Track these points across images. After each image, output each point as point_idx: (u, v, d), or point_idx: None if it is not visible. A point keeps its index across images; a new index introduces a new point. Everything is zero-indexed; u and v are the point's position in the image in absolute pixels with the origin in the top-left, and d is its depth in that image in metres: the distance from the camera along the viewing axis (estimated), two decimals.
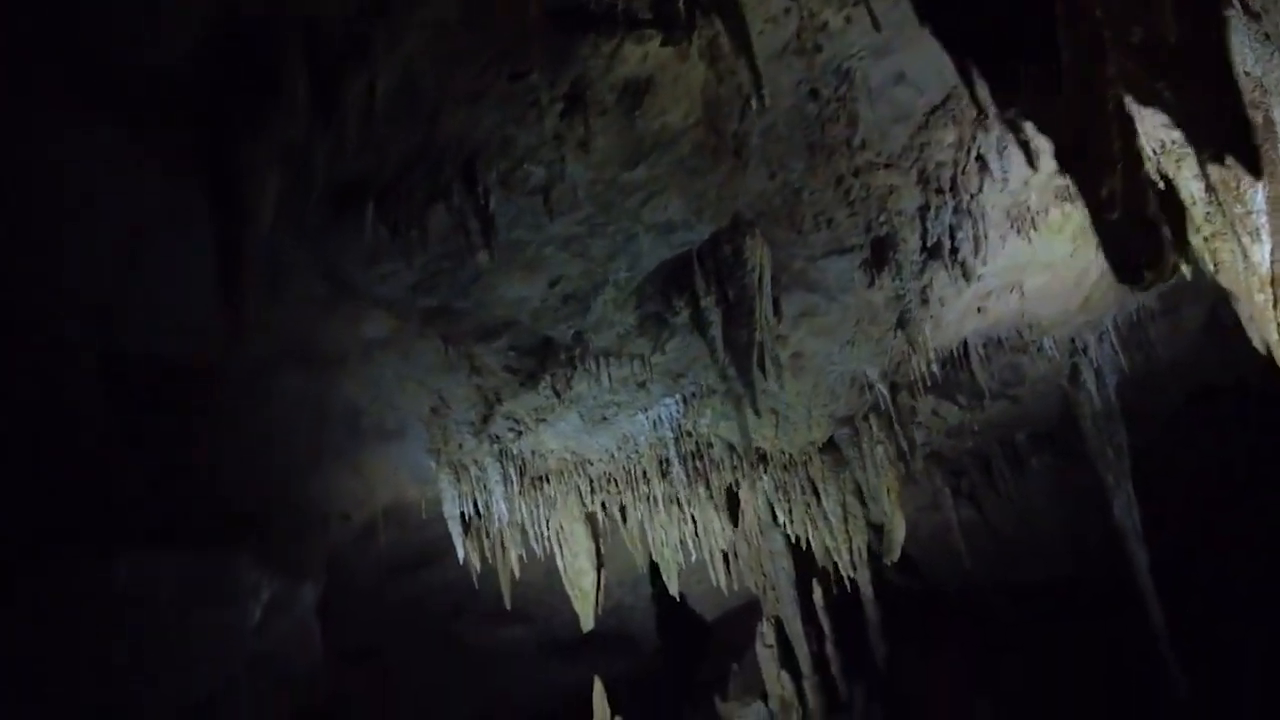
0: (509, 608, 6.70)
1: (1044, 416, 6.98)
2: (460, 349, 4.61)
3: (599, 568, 6.55)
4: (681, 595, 10.20)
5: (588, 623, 6.54)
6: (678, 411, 4.94)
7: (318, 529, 5.90)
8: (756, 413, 3.75)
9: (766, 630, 6.91)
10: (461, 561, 5.75)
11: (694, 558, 6.86)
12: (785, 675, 6.70)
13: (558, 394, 4.75)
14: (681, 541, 6.61)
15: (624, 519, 6.66)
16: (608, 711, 6.58)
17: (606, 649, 10.22)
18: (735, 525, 6.77)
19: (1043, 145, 3.71)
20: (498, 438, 5.25)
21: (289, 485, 5.69)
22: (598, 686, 6.63)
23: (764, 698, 6.87)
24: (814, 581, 7.17)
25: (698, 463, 5.48)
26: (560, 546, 6.36)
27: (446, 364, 4.86)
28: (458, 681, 9.08)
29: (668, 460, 5.46)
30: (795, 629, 6.82)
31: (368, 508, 6.09)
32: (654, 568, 9.74)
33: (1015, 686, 6.89)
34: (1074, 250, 4.78)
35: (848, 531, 5.76)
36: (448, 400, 5.22)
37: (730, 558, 7.14)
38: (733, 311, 3.72)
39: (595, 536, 6.53)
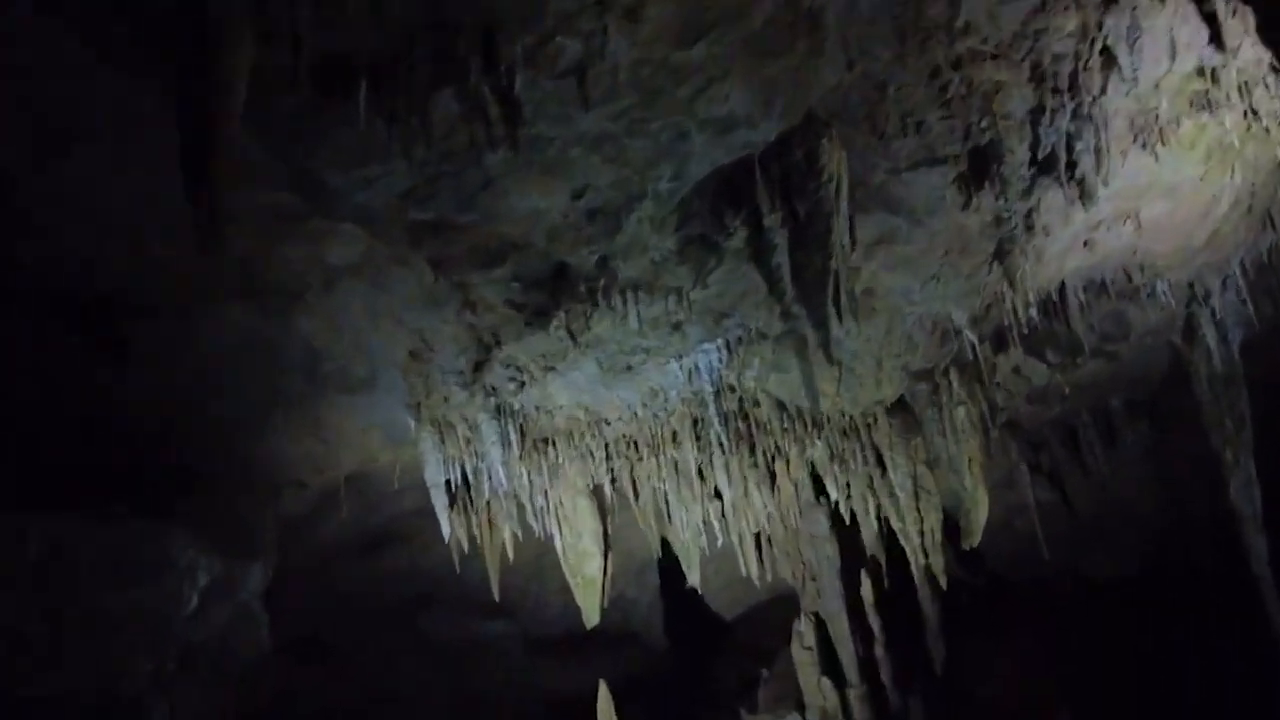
0: (496, 598, 6.72)
1: (1146, 379, 6.98)
2: (452, 277, 4.52)
3: (606, 551, 6.56)
4: (693, 589, 10.50)
5: (592, 617, 6.59)
6: (719, 360, 4.91)
7: (267, 498, 5.91)
8: (831, 360, 3.68)
9: (805, 629, 6.97)
10: (447, 539, 5.76)
11: (720, 542, 6.89)
12: (827, 683, 6.78)
13: (573, 336, 4.69)
14: (705, 522, 6.63)
15: (635, 494, 6.66)
16: (613, 714, 6.64)
17: (606, 649, 10.35)
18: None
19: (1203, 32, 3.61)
20: (494, 390, 5.21)
21: (233, 445, 5.67)
22: (603, 691, 6.70)
23: (801, 709, 6.96)
24: (862, 572, 7.22)
25: (740, 424, 5.45)
26: (561, 525, 6.36)
27: (432, 296, 4.78)
28: (427, 683, 9.19)
29: (702, 421, 5.43)
30: (840, 628, 6.88)
31: (328, 474, 6.08)
32: (664, 554, 9.94)
33: (1098, 696, 7.01)
34: (1205, 173, 4.71)
35: (918, 510, 5.77)
36: (432, 342, 5.16)
37: (763, 542, 7.18)
38: (802, 233, 3.62)
39: (602, 514, 6.53)
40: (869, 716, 6.75)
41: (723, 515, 6.75)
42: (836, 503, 6.85)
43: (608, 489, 6.44)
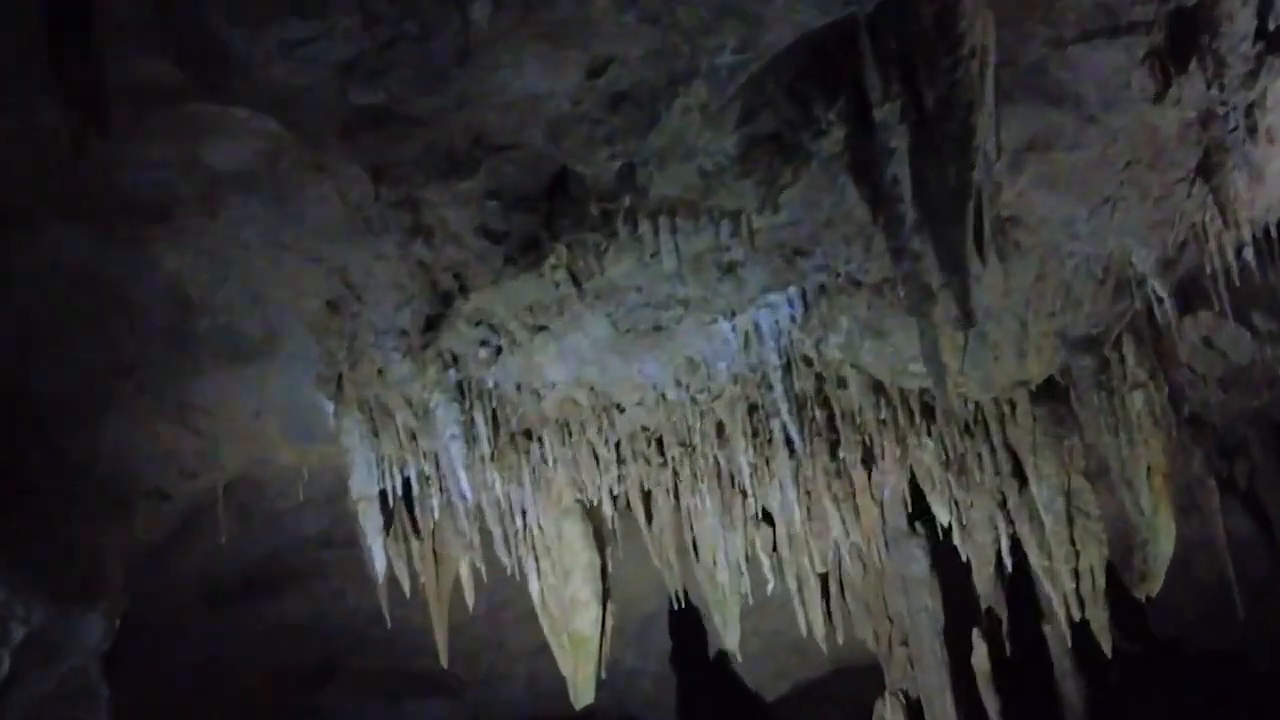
0: (445, 664, 6.84)
1: None
2: (399, 191, 4.55)
3: (605, 598, 6.67)
4: (723, 654, 10.66)
5: (584, 693, 6.73)
6: (791, 319, 4.94)
7: (112, 516, 5.97)
8: (970, 320, 3.70)
9: (890, 714, 7.12)
10: (379, 577, 5.82)
11: (771, 587, 7.01)
12: None
13: (576, 282, 4.72)
14: (749, 556, 6.74)
15: (648, 515, 6.76)
16: None
17: None
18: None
19: None
20: (455, 359, 5.27)
21: (60, 437, 5.70)
22: None
23: None
24: (974, 633, 7.36)
25: (816, 413, 5.54)
26: (538, 559, 6.47)
27: (365, 221, 4.83)
28: None
29: (762, 408, 5.50)
30: (941, 713, 7.00)
31: (201, 480, 6.20)
32: (677, 607, 10.07)
33: None
34: None
35: (1072, 541, 5.85)
36: (361, 289, 5.21)
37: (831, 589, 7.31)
38: (929, 132, 3.64)
39: (600, 544, 6.63)
40: None
41: (774, 548, 6.86)
42: (943, 531, 6.95)
43: (607, 508, 6.51)
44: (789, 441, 5.56)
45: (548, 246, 4.58)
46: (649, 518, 6.78)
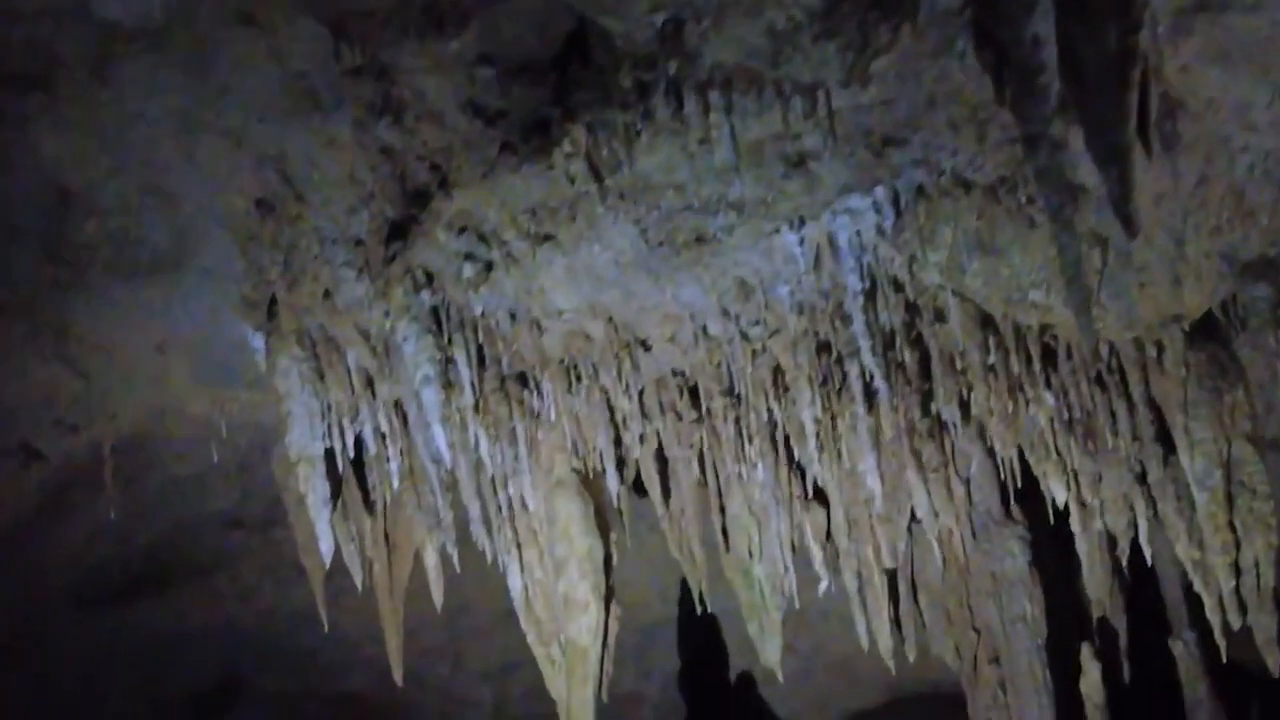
0: (399, 680, 6.92)
1: None
2: (360, 53, 4.56)
3: (608, 597, 6.72)
4: (748, 674, 10.78)
5: (581, 717, 6.76)
6: (877, 230, 4.97)
7: None
8: (1131, 227, 3.71)
9: None
10: (324, 561, 5.87)
11: (825, 586, 7.07)
12: None
13: (597, 176, 4.71)
14: (793, 546, 6.79)
15: (665, 492, 6.81)
16: None
17: None
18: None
19: None
20: (430, 278, 5.30)
21: None
22: None
23: None
24: (1084, 649, 7.44)
25: (906, 356, 5.57)
26: (521, 546, 6.52)
27: (310, 93, 4.84)
28: None
29: (833, 348, 5.52)
30: None
31: (83, 436, 6.19)
32: (688, 613, 10.15)
33: None
34: None
35: (1232, 526, 5.89)
36: (303, 184, 5.27)
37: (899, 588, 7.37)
38: None
39: (603, 530, 6.67)
40: None
41: (828, 536, 6.91)
42: (1055, 516, 6.97)
43: (613, 482, 6.54)
44: (870, 392, 5.59)
45: (560, 130, 4.57)
46: (665, 496, 6.78)
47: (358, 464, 6.13)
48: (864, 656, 10.03)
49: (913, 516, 6.95)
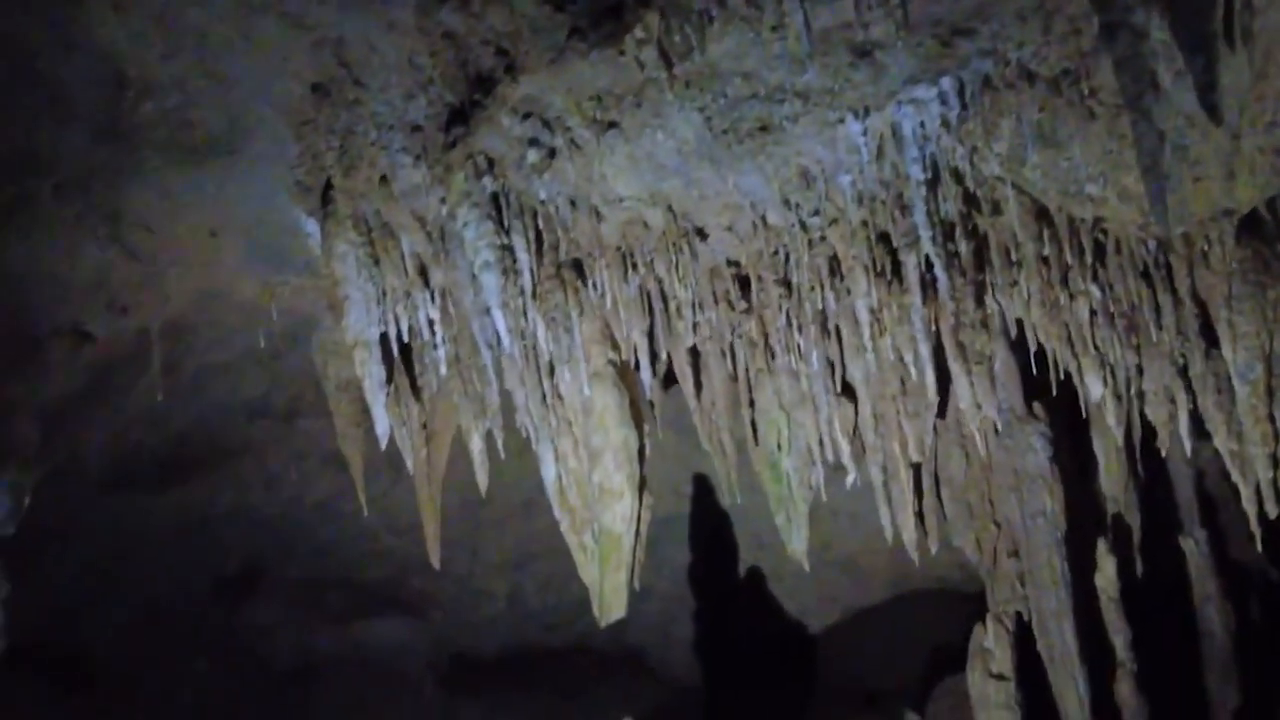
0: (436, 564, 6.97)
1: None
2: None
3: (641, 487, 6.75)
4: (758, 570, 10.88)
5: (614, 604, 6.83)
6: (941, 121, 4.99)
7: (18, 361, 5.98)
8: (1216, 116, 3.73)
9: (995, 643, 7.26)
10: (382, 440, 5.94)
11: (851, 480, 7.13)
12: None
13: (667, 62, 4.71)
14: (820, 441, 6.82)
15: (696, 385, 6.84)
16: None
17: (581, 683, 10.81)
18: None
19: None
20: (492, 165, 5.29)
21: None
22: None
23: None
24: (1099, 545, 7.52)
25: (961, 246, 5.57)
26: (555, 437, 6.53)
27: None
28: None
29: (885, 238, 5.55)
30: (1061, 642, 7.17)
31: (134, 319, 6.20)
32: (700, 509, 10.24)
33: None
34: None
35: (1272, 418, 5.94)
36: (360, 68, 5.24)
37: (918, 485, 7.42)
38: None
39: (638, 420, 6.69)
40: None
41: (855, 430, 6.95)
42: (1073, 415, 7.01)
43: (646, 374, 6.55)
44: (927, 282, 5.61)
45: (633, 15, 4.57)
46: (697, 389, 6.81)
47: (404, 351, 6.13)
48: (870, 553, 10.23)
49: (939, 412, 7.00)
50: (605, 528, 6.70)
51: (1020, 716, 7.16)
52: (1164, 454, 6.94)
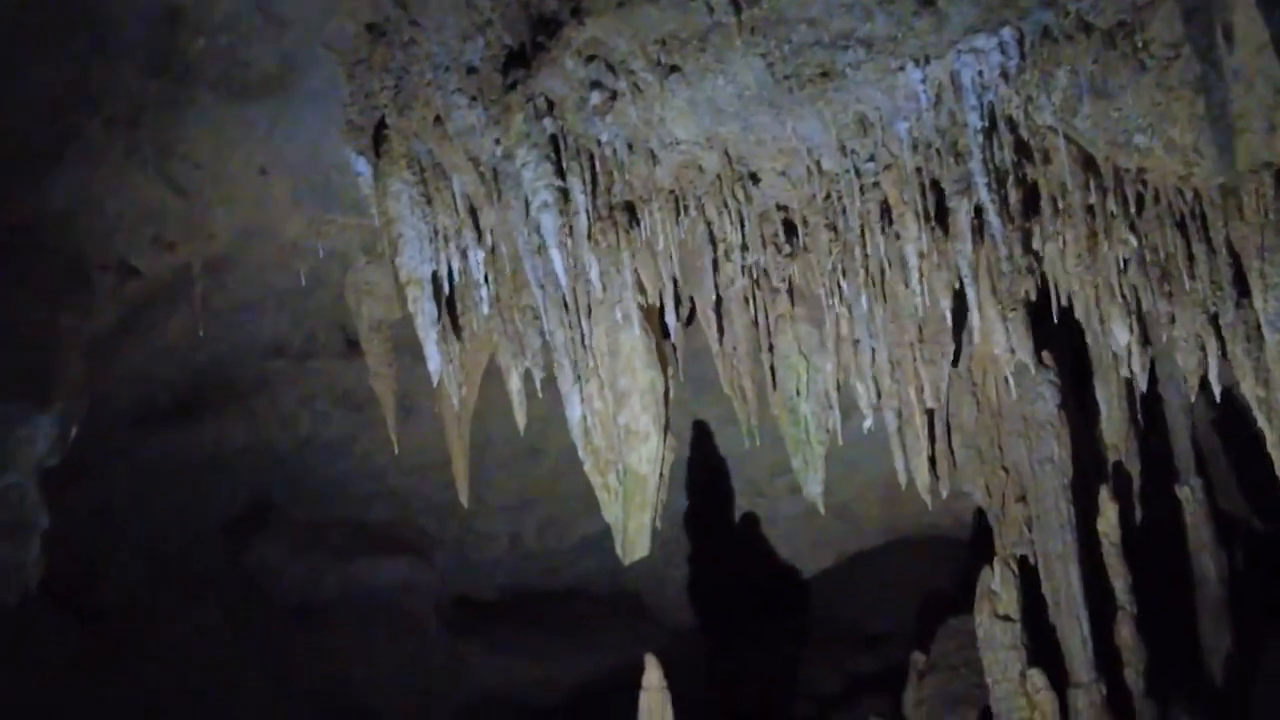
0: (465, 501, 7.01)
1: None
2: None
3: (665, 429, 6.80)
4: (753, 515, 10.99)
5: (639, 546, 6.87)
6: (1000, 71, 5.05)
7: (65, 293, 5.99)
8: None
9: (1001, 584, 7.38)
10: (435, 375, 5.96)
11: (867, 423, 7.22)
12: (1038, 678, 7.24)
13: (736, 5, 4.79)
14: (841, 383, 6.91)
15: (719, 328, 6.88)
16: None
17: (575, 621, 10.91)
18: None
19: None
20: (552, 107, 5.31)
21: (18, 191, 5.71)
22: (653, 673, 7.04)
23: None
24: (1101, 492, 7.64)
25: (1011, 193, 5.62)
26: (582, 378, 6.57)
27: None
28: (251, 669, 9.53)
29: (944, 183, 5.61)
30: (1066, 584, 7.31)
31: (180, 252, 6.23)
32: (697, 454, 10.31)
33: None
34: None
35: None
36: (417, 7, 5.26)
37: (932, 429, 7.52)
38: None
39: (663, 361, 6.74)
40: None
41: (872, 376, 7.03)
42: (1077, 365, 7.13)
43: (671, 317, 6.59)
44: (978, 227, 5.67)
45: None
46: (720, 332, 6.86)
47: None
48: (862, 500, 10.36)
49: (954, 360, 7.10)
50: (631, 468, 6.74)
51: (1025, 656, 7.29)
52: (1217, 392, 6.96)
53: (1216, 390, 6.55)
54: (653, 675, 7.04)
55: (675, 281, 6.36)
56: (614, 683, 10.14)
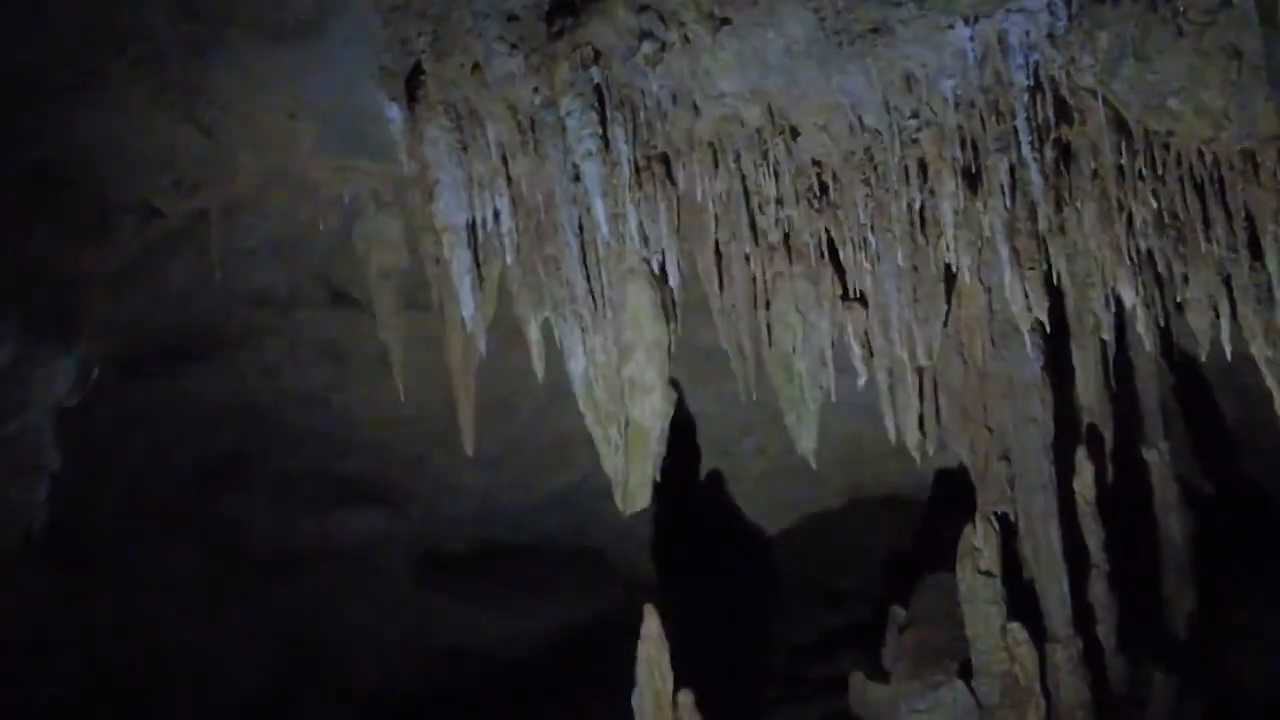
0: (470, 451, 7.00)
1: None
2: None
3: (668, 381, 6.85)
4: (718, 473, 11.04)
5: (640, 497, 6.93)
6: (1047, 32, 5.10)
7: (87, 234, 5.94)
8: None
9: (984, 541, 7.48)
10: (469, 322, 5.93)
11: (861, 380, 7.30)
12: (1019, 632, 7.37)
13: None
14: (833, 342, 6.98)
15: (720, 284, 6.93)
16: (669, 674, 7.08)
17: (541, 575, 10.93)
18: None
19: None
20: (598, 57, 5.32)
21: (22, 126, 5.61)
22: (651, 624, 7.06)
23: (966, 674, 7.55)
24: (1078, 452, 7.78)
25: (1047, 152, 5.67)
26: (585, 331, 6.59)
27: None
28: (234, 621, 9.48)
29: (983, 141, 5.67)
30: (1048, 542, 7.44)
31: (202, 196, 6.16)
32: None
33: None
34: None
35: None
36: None
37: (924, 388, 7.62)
38: None
39: (667, 314, 6.76)
40: (1083, 691, 7.41)
41: (866, 334, 7.11)
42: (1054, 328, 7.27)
43: (673, 275, 6.60)
44: (1010, 186, 5.72)
45: None
46: (720, 287, 6.90)
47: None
48: (825, 461, 10.44)
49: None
50: (635, 421, 6.78)
51: (1005, 611, 7.42)
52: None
53: (1228, 350, 6.66)
54: (651, 624, 7.06)
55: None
56: (579, 635, 10.31)
